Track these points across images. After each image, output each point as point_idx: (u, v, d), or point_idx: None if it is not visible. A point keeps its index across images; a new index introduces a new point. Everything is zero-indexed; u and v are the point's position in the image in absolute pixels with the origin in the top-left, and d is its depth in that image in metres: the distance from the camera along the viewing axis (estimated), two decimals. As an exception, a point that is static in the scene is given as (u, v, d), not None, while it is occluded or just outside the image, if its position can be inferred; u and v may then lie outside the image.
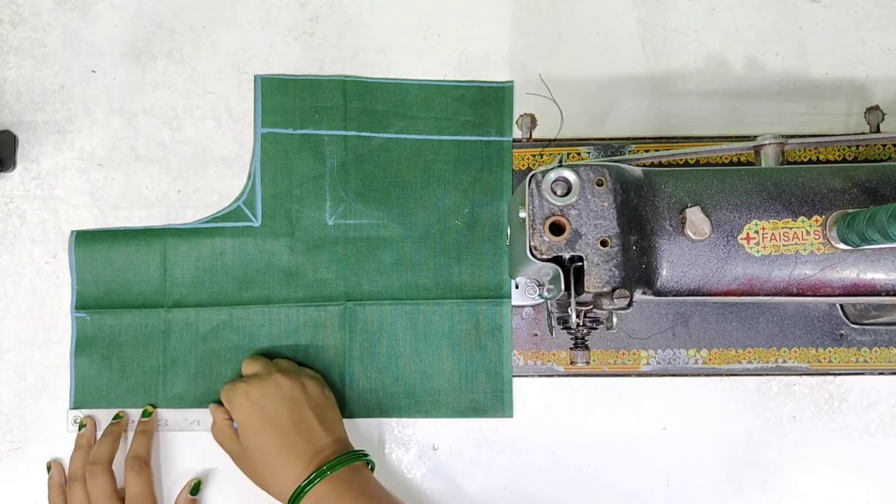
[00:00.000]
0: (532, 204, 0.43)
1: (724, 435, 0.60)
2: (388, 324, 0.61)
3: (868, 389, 0.59)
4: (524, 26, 0.63)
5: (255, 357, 0.59)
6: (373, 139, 0.62)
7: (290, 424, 0.53)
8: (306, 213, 0.62)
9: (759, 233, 0.45)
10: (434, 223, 0.62)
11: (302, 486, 0.51)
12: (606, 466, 0.60)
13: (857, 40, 0.62)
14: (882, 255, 0.44)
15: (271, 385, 0.55)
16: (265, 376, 0.56)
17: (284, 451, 0.53)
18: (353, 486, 0.52)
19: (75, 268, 0.62)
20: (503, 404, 0.60)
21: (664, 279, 0.45)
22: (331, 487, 0.51)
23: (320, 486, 0.51)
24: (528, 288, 0.51)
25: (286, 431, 0.53)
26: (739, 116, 0.62)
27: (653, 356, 0.60)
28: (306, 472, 0.51)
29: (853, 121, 0.62)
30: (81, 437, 0.59)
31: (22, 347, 0.62)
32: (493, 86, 0.63)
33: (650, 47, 0.63)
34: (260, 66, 0.63)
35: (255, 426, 0.54)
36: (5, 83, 0.64)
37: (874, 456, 0.59)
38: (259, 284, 0.61)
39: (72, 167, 0.63)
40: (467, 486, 0.60)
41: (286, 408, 0.54)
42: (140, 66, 0.64)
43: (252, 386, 0.55)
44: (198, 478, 0.59)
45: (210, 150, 0.63)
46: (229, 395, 0.56)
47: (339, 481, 0.51)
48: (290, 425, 0.53)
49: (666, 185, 0.46)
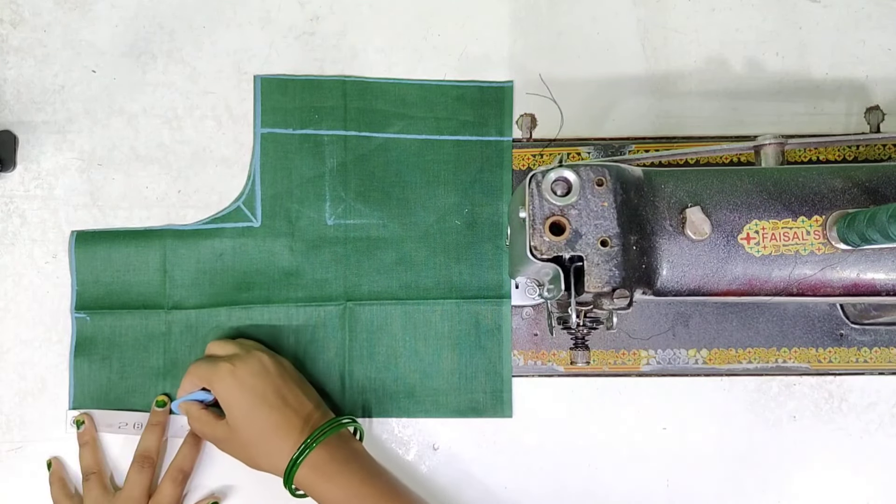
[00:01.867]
0: (532, 204, 0.43)
1: (724, 435, 0.60)
2: (387, 324, 0.61)
3: (868, 389, 0.59)
4: (524, 26, 0.63)
5: (220, 339, 0.59)
6: (373, 139, 0.62)
7: (279, 400, 0.54)
8: (306, 214, 0.62)
9: (760, 233, 0.45)
10: (434, 223, 0.62)
11: (295, 458, 0.52)
12: (606, 466, 0.60)
13: (857, 40, 0.62)
14: (882, 255, 0.44)
15: (255, 363, 0.55)
16: (246, 355, 0.56)
17: (278, 426, 0.53)
18: (344, 450, 0.54)
19: (75, 268, 0.62)
20: (503, 404, 0.60)
21: (664, 279, 0.45)
22: (323, 453, 0.52)
23: (313, 454, 0.52)
24: (528, 288, 0.51)
25: (277, 407, 0.54)
26: (739, 116, 0.62)
27: (653, 356, 0.60)
28: (300, 443, 0.52)
29: (853, 121, 0.62)
30: (84, 434, 0.60)
31: (22, 347, 0.62)
32: (493, 86, 0.63)
33: (650, 47, 0.63)
34: (260, 66, 0.63)
35: (247, 406, 0.54)
36: (5, 83, 0.64)
37: (874, 456, 0.59)
38: (259, 285, 0.61)
39: (72, 167, 0.63)
40: (467, 486, 0.60)
41: (273, 383, 0.54)
42: (140, 66, 0.64)
43: (237, 366, 0.55)
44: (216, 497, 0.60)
45: (210, 150, 0.63)
46: (212, 377, 0.55)
47: (331, 447, 0.53)
48: (279, 400, 0.54)
49: (666, 185, 0.46)
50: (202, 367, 0.56)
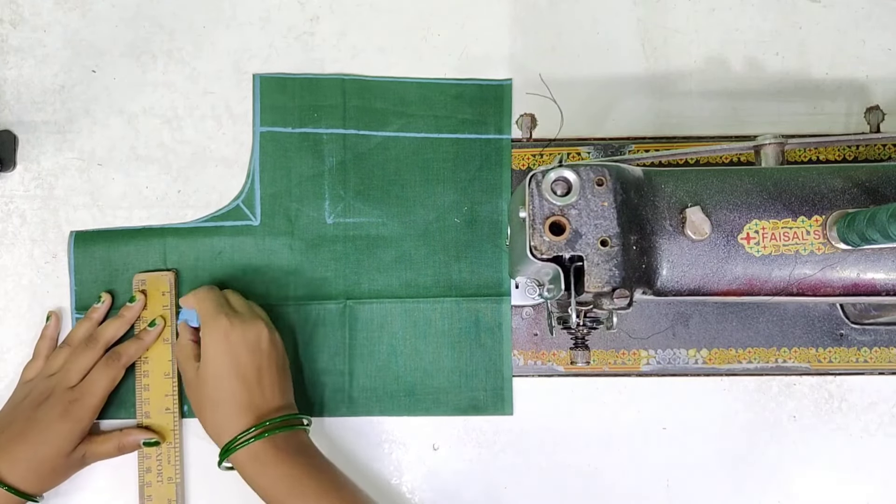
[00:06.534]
0: (532, 204, 0.43)
1: (724, 435, 0.60)
2: (387, 322, 0.61)
3: (868, 389, 0.59)
4: (524, 26, 0.63)
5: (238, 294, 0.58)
6: (371, 137, 0.62)
7: (254, 378, 0.53)
8: (305, 212, 0.62)
9: (760, 233, 0.45)
10: (433, 221, 0.62)
11: (237, 439, 0.51)
12: (606, 466, 0.60)
13: (857, 40, 0.62)
14: (882, 255, 0.44)
15: (253, 333, 0.54)
16: (249, 321, 0.55)
17: (237, 401, 0.53)
18: (291, 446, 0.53)
19: (74, 269, 0.62)
20: (503, 402, 0.60)
21: (664, 279, 0.45)
22: (268, 446, 0.52)
23: (259, 444, 0.51)
24: (528, 288, 0.51)
25: (247, 383, 0.53)
26: (739, 116, 0.62)
27: (653, 356, 0.60)
28: (248, 427, 0.52)
29: (853, 121, 0.62)
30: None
31: (22, 347, 0.62)
32: (492, 84, 0.63)
33: (650, 47, 0.63)
34: (260, 66, 0.63)
35: (222, 370, 0.53)
36: (5, 83, 0.64)
37: (874, 456, 0.59)
38: (258, 283, 0.61)
39: (72, 167, 0.63)
40: (467, 486, 0.60)
41: (256, 360, 0.54)
42: (140, 66, 0.64)
43: (235, 327, 0.53)
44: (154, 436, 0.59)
45: (210, 150, 0.63)
46: (208, 322, 0.54)
47: (278, 441, 0.52)
48: (253, 379, 0.53)
49: (666, 184, 0.46)
50: (207, 305, 0.55)
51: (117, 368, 0.58)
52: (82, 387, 0.56)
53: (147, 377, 0.60)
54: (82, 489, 0.60)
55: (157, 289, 0.60)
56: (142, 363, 0.60)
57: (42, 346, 0.60)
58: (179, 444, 0.60)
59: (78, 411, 0.55)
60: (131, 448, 0.59)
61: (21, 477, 0.54)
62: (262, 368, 0.54)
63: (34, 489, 0.54)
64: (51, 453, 0.55)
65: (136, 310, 0.60)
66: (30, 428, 0.54)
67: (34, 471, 0.54)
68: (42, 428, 0.55)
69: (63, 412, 0.55)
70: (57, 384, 0.56)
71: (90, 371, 0.57)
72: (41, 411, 0.55)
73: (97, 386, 0.57)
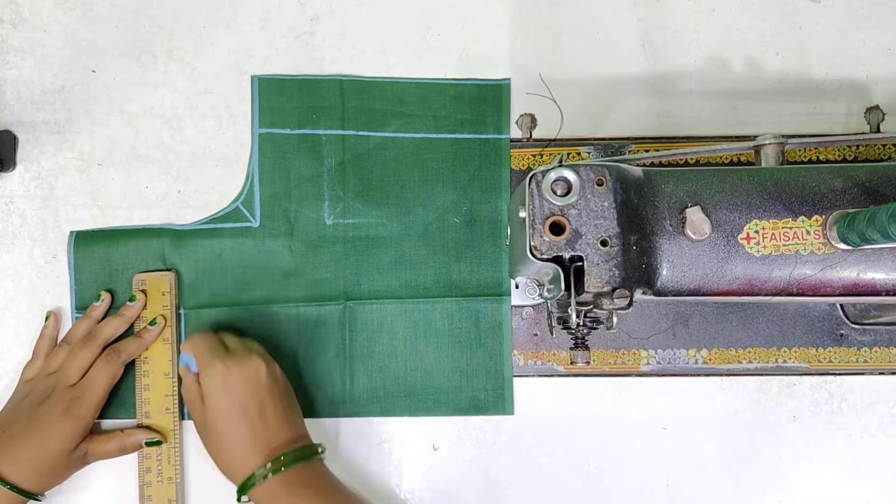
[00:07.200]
0: (532, 204, 0.43)
1: (724, 435, 0.60)
2: (387, 323, 0.61)
3: (868, 389, 0.59)
4: (524, 26, 0.63)
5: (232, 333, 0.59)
6: (370, 138, 0.62)
7: (257, 415, 0.53)
8: (305, 213, 0.62)
9: (760, 233, 0.45)
10: (433, 221, 0.62)
11: (250, 478, 0.51)
12: (607, 466, 0.60)
13: (857, 40, 0.62)
14: (882, 255, 0.44)
15: (250, 371, 0.54)
16: (244, 358, 0.54)
17: (245, 439, 0.53)
18: (306, 479, 0.52)
19: (74, 269, 0.62)
20: (504, 401, 0.60)
21: (664, 279, 0.45)
22: (283, 483, 0.51)
23: (274, 480, 0.51)
24: (528, 288, 0.51)
25: (252, 422, 0.53)
26: (739, 116, 0.62)
27: (653, 356, 0.60)
28: (261, 465, 0.52)
29: (853, 121, 0.62)
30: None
31: (22, 347, 0.62)
32: (491, 83, 0.63)
33: (650, 47, 0.63)
34: (260, 66, 0.63)
35: (225, 411, 0.53)
36: (5, 83, 0.64)
37: (874, 456, 0.59)
38: (258, 285, 0.61)
39: (72, 167, 0.63)
40: (467, 486, 0.60)
41: (258, 396, 0.53)
42: (140, 66, 0.64)
43: (230, 370, 0.53)
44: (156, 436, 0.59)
45: (210, 150, 0.63)
46: (204, 368, 0.54)
47: (292, 476, 0.52)
48: (257, 416, 0.53)
49: (666, 184, 0.46)
50: (202, 351, 0.55)
51: (117, 365, 0.58)
52: (82, 384, 0.56)
53: (147, 377, 0.60)
54: (83, 489, 0.60)
55: (157, 289, 0.60)
56: (142, 363, 0.60)
57: (41, 345, 0.60)
58: (179, 444, 0.60)
59: (79, 409, 0.56)
60: (133, 448, 0.59)
61: (23, 476, 0.54)
62: (264, 404, 0.54)
63: (36, 488, 0.54)
64: (52, 452, 0.55)
65: (136, 309, 0.60)
66: (31, 427, 0.55)
67: (36, 469, 0.54)
68: (43, 427, 0.55)
69: (64, 410, 0.55)
70: (57, 383, 0.56)
71: (90, 369, 0.57)
72: (42, 410, 0.55)
73: (97, 383, 0.57)
